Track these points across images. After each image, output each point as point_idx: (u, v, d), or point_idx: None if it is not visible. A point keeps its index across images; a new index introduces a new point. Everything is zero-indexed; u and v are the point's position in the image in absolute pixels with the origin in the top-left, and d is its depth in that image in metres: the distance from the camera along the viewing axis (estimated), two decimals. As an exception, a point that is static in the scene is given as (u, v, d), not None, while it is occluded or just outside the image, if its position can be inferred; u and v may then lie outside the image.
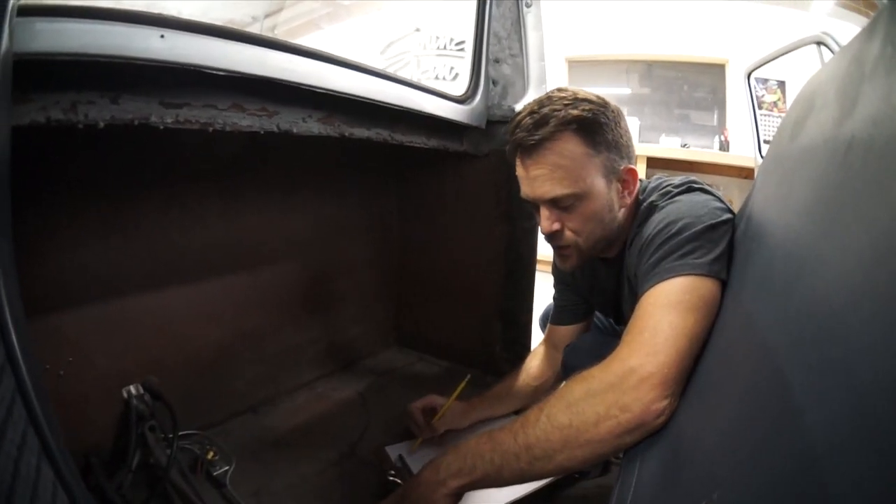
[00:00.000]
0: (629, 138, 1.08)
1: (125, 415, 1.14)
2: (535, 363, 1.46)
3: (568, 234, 1.06)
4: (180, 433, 1.13)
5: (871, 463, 0.34)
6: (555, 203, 1.04)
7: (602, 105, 1.03)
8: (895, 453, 0.32)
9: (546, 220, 1.05)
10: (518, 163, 1.07)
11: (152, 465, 1.08)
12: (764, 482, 0.45)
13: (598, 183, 1.02)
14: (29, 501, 0.44)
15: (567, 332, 1.43)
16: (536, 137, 1.00)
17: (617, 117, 1.05)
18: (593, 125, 1.00)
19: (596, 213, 1.03)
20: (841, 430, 0.38)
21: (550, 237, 1.08)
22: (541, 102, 1.03)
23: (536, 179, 1.03)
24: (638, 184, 1.08)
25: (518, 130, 1.03)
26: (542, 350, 1.48)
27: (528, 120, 1.01)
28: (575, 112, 0.99)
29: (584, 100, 1.02)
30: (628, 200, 1.07)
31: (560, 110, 1.00)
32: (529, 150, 1.02)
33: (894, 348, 0.36)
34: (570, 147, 1.00)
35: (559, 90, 1.07)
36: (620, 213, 1.07)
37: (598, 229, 1.05)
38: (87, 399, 1.11)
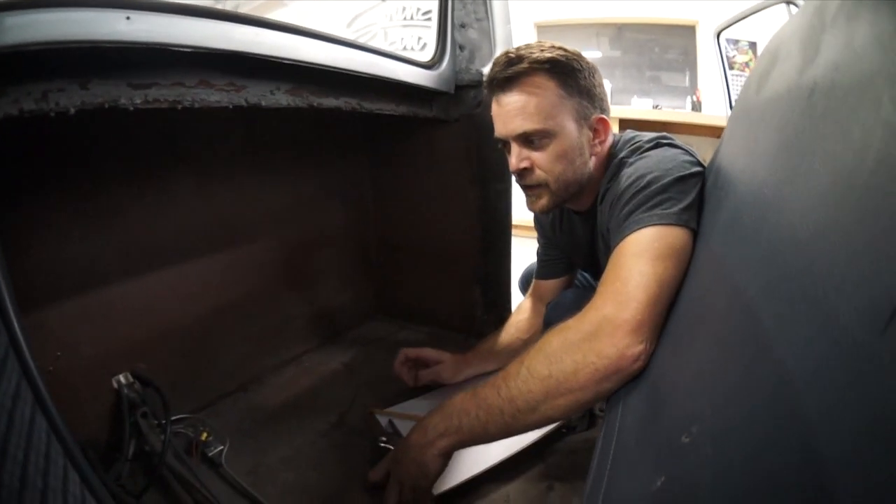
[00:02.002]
0: (603, 92, 1.10)
1: (117, 405, 1.14)
2: (522, 317, 1.50)
3: (538, 172, 1.08)
4: (173, 418, 1.13)
5: (844, 382, 0.36)
6: (525, 140, 1.06)
7: (576, 55, 1.07)
8: (865, 370, 0.34)
9: (515, 157, 1.08)
10: (493, 101, 1.10)
11: (148, 451, 1.08)
12: (740, 411, 0.47)
13: (569, 125, 1.05)
14: (24, 450, 0.45)
15: (551, 285, 1.48)
16: (510, 72, 1.04)
17: (591, 69, 1.08)
18: (566, 68, 1.04)
19: (566, 152, 1.06)
20: (812, 355, 0.40)
21: (520, 176, 1.11)
22: (518, 48, 1.07)
23: (508, 114, 1.06)
24: (610, 135, 1.11)
25: (494, 68, 1.07)
26: (528, 304, 1.52)
27: (503, 59, 1.05)
28: (549, 55, 1.03)
29: (560, 48, 1.06)
30: (599, 149, 1.10)
31: (535, 53, 1.04)
32: (502, 84, 1.06)
33: (858, 273, 0.38)
34: (543, 82, 1.03)
35: (538, 42, 1.09)
36: (592, 161, 1.10)
37: (569, 171, 1.08)
38: (79, 393, 1.11)
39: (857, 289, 0.38)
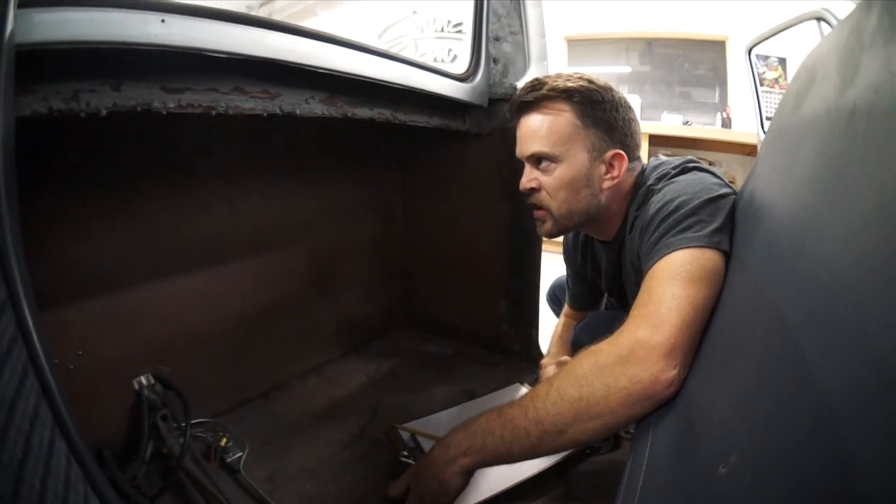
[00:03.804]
0: (628, 127, 1.11)
1: (137, 406, 1.14)
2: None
3: (542, 194, 1.11)
4: (192, 421, 1.13)
5: (889, 414, 0.34)
6: (536, 161, 1.10)
7: (603, 88, 1.09)
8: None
9: (525, 177, 1.13)
10: (517, 124, 1.14)
11: (166, 454, 1.08)
12: (781, 443, 0.46)
13: (580, 154, 1.07)
14: (42, 477, 0.44)
15: (582, 315, 1.52)
16: (531, 96, 1.08)
17: (617, 103, 1.09)
18: (585, 99, 1.06)
19: (571, 181, 1.08)
20: (857, 387, 0.39)
21: (527, 196, 1.14)
22: (547, 76, 1.11)
23: (525, 135, 1.11)
24: (624, 171, 1.10)
25: (519, 92, 1.12)
26: (562, 322, 1.57)
27: (528, 84, 1.10)
28: (571, 84, 1.06)
29: (587, 80, 1.08)
30: (610, 184, 1.10)
31: (559, 81, 1.07)
32: (523, 107, 1.11)
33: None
34: (560, 108, 1.07)
35: (567, 73, 1.13)
36: (603, 195, 1.11)
37: (572, 199, 1.10)
38: (99, 392, 1.11)
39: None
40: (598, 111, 1.07)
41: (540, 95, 1.07)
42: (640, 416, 0.80)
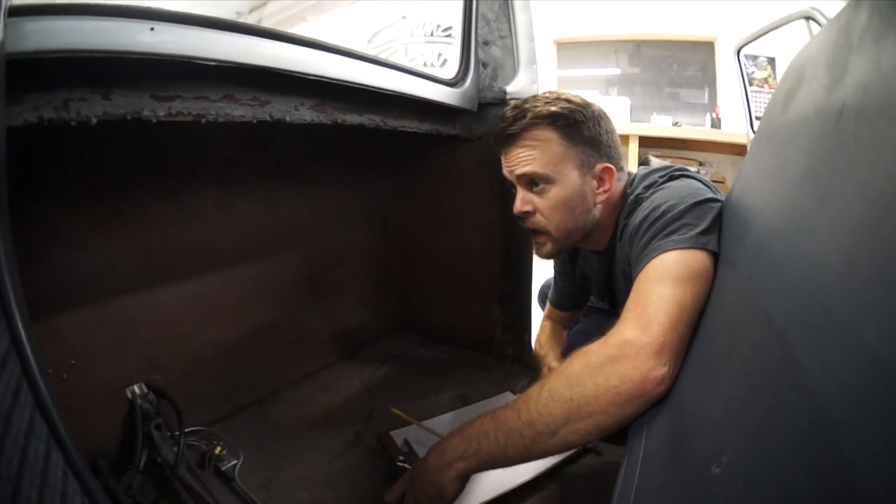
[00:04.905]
0: (611, 139, 1.14)
1: (130, 415, 1.14)
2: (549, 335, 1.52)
3: (539, 217, 1.13)
4: (186, 430, 1.13)
5: (882, 417, 0.34)
6: (528, 183, 1.12)
7: (582, 105, 1.11)
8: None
9: (519, 201, 1.13)
10: (501, 156, 1.16)
11: (160, 463, 1.07)
12: (774, 443, 0.46)
13: (571, 174, 1.09)
14: (38, 490, 0.44)
15: (565, 315, 1.52)
16: (515, 127, 1.09)
17: (598, 117, 1.12)
18: (569, 120, 1.08)
19: (566, 201, 1.10)
20: (849, 389, 0.39)
21: (522, 219, 1.15)
22: (525, 100, 1.13)
23: (513, 160, 1.11)
24: (615, 183, 1.13)
25: (500, 123, 1.13)
26: (548, 324, 1.55)
27: (509, 114, 1.11)
28: (552, 108, 1.08)
29: (565, 100, 1.11)
30: (603, 198, 1.12)
31: (539, 106, 1.09)
32: (507, 139, 1.12)
33: (894, 304, 0.37)
34: (546, 135, 1.08)
35: (547, 92, 1.16)
36: (597, 210, 1.13)
37: (569, 219, 1.12)
38: (92, 401, 1.10)
39: (894, 321, 0.36)
40: (583, 129, 1.09)
41: (525, 125, 1.09)
42: (631, 417, 0.80)
